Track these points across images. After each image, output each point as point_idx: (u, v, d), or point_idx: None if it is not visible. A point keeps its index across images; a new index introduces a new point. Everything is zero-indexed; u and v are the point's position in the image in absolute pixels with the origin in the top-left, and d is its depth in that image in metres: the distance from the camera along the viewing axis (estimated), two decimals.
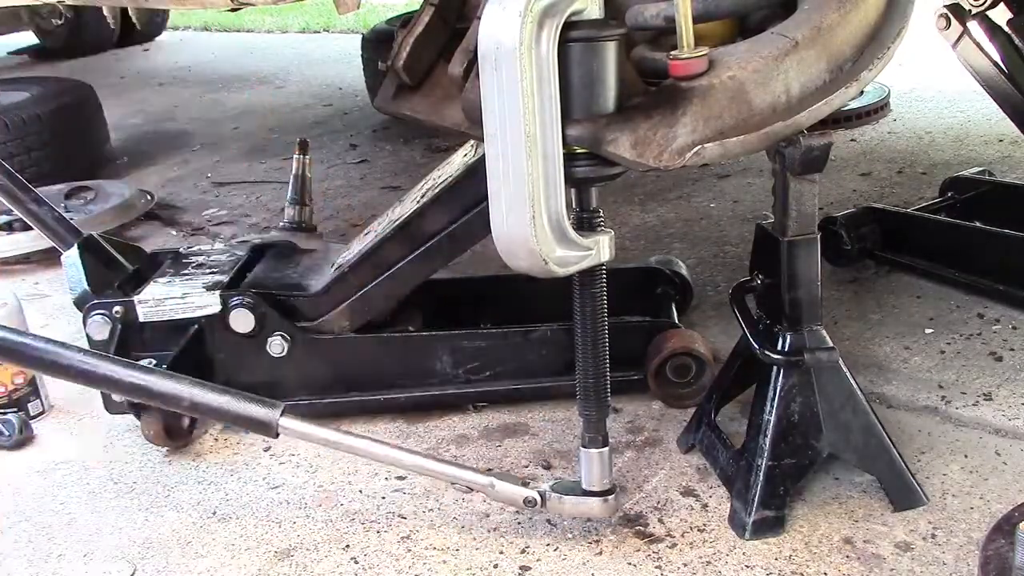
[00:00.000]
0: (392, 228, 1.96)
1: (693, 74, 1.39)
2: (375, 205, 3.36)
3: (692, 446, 1.81)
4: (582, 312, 1.52)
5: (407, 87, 1.70)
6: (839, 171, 3.19)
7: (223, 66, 6.48)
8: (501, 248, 1.34)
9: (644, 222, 2.97)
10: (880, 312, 2.29)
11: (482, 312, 2.22)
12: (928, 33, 2.40)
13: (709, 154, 1.39)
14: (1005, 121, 2.51)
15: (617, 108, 1.39)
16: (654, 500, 1.70)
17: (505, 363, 2.00)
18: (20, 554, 1.70)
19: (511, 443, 1.91)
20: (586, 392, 1.54)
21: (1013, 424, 1.82)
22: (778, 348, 1.59)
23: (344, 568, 1.59)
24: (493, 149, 1.30)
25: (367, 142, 4.27)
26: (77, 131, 3.93)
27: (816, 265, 1.56)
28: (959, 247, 2.37)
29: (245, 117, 4.97)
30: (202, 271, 2.10)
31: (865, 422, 1.60)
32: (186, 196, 3.76)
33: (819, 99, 1.44)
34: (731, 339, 1.85)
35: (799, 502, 1.64)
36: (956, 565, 1.48)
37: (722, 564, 1.53)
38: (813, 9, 1.47)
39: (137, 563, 1.65)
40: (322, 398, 2.01)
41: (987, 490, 1.64)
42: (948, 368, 2.03)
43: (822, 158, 1.48)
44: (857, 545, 1.54)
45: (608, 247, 1.42)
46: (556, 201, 1.32)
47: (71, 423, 2.13)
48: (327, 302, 1.99)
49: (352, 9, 2.47)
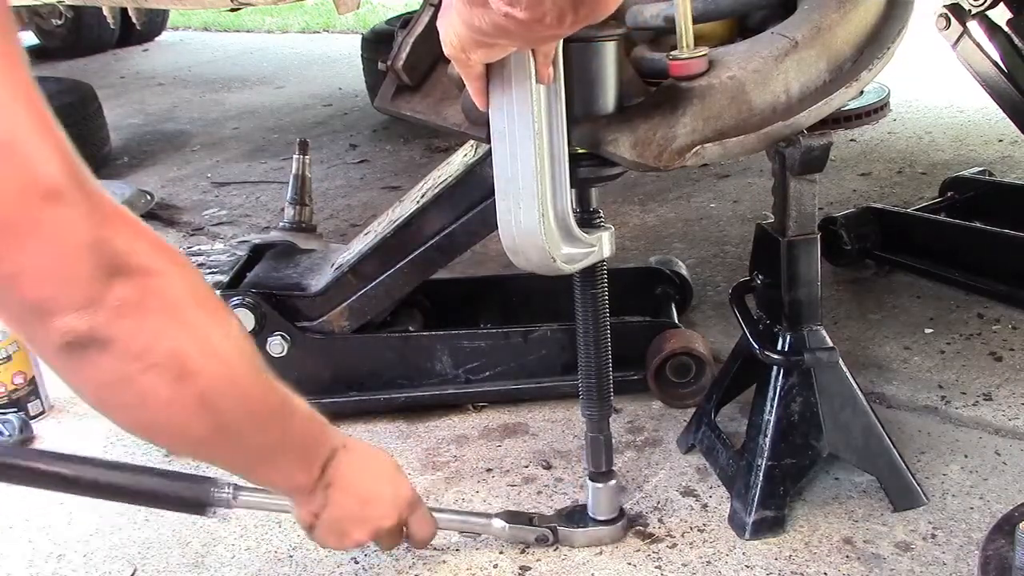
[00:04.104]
0: (392, 228, 1.96)
1: (693, 74, 1.39)
2: (375, 205, 3.36)
3: (692, 446, 1.81)
4: (583, 311, 1.52)
5: (407, 87, 1.70)
6: (839, 171, 3.19)
7: (223, 66, 6.48)
8: (508, 246, 1.34)
9: (644, 222, 2.97)
10: (880, 312, 2.29)
11: (482, 312, 2.22)
12: (928, 33, 2.40)
13: (709, 154, 1.40)
14: (1005, 121, 2.51)
15: (617, 108, 1.39)
16: (654, 500, 1.70)
17: (505, 363, 2.00)
18: (20, 554, 1.70)
19: (511, 443, 1.91)
20: (588, 391, 1.54)
21: (1013, 424, 1.82)
22: (778, 348, 1.59)
23: (344, 568, 1.59)
24: (501, 147, 1.30)
25: (367, 142, 4.27)
26: (77, 131, 3.88)
27: (816, 265, 1.56)
28: (959, 247, 2.37)
29: (245, 117, 4.97)
30: (202, 271, 2.10)
31: (865, 422, 1.60)
32: (186, 196, 3.76)
33: (819, 99, 1.44)
34: (731, 339, 1.85)
35: (799, 502, 1.64)
36: (956, 565, 1.48)
37: (722, 564, 1.53)
38: (813, 9, 1.48)
39: (137, 563, 1.65)
40: (322, 398, 2.00)
41: (987, 490, 1.64)
42: (948, 368, 2.03)
43: (822, 158, 1.48)
44: (857, 545, 1.54)
45: (609, 242, 1.42)
46: (562, 199, 1.33)
47: (71, 423, 2.12)
48: (327, 302, 1.99)
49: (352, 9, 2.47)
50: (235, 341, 1.09)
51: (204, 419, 1.06)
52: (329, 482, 1.31)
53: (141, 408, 1.03)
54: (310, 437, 1.30)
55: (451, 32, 1.13)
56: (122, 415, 1.06)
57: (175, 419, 1.05)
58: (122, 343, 0.96)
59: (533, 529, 1.58)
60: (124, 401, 1.02)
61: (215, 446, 1.14)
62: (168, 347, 1.00)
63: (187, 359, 1.02)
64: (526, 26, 0.98)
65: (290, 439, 1.25)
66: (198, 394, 1.04)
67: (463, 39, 1.12)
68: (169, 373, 1.00)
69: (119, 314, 0.95)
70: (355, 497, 1.35)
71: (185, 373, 1.02)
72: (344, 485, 1.33)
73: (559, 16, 0.96)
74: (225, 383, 1.07)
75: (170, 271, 1.02)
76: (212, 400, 1.06)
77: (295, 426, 1.25)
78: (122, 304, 0.96)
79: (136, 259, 0.97)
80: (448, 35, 1.14)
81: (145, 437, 1.18)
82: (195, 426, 1.07)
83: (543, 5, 0.95)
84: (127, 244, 0.97)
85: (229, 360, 1.08)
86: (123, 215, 0.99)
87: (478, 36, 1.09)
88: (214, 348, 1.05)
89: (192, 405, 1.04)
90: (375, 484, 1.40)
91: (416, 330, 2.07)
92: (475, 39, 1.10)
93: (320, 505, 1.33)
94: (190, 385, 1.03)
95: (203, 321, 1.04)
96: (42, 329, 0.94)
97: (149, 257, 0.99)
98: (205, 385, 1.04)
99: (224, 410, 1.08)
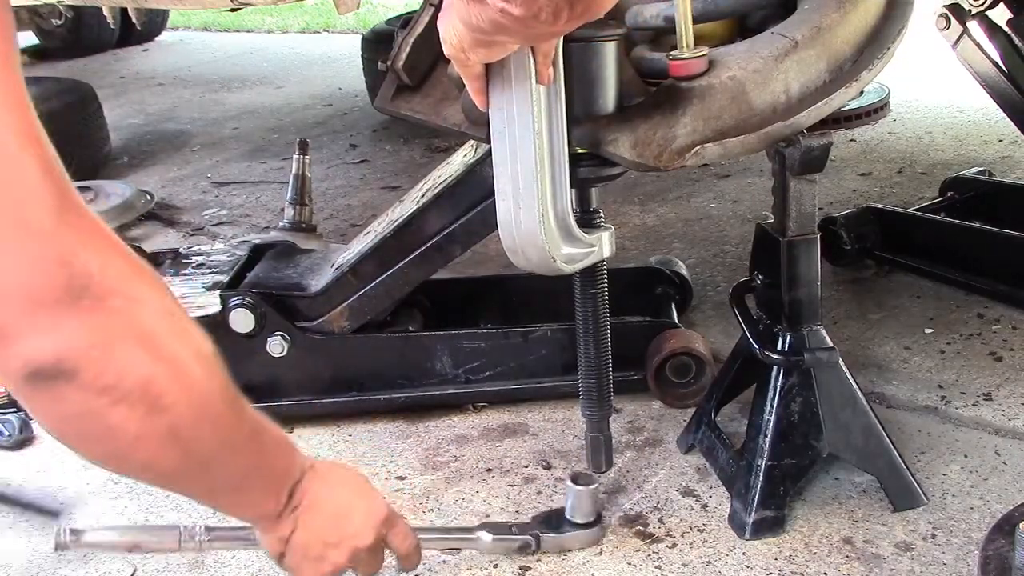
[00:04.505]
0: (392, 228, 1.96)
1: (693, 74, 1.39)
2: (375, 205, 3.36)
3: (692, 446, 1.81)
4: (583, 311, 1.52)
5: (407, 87, 1.70)
6: (839, 171, 3.19)
7: (223, 66, 6.47)
8: (508, 246, 1.34)
9: (644, 222, 2.97)
10: (880, 312, 2.29)
11: (482, 312, 2.22)
12: (928, 33, 2.40)
13: (709, 154, 1.40)
14: (1005, 121, 2.51)
15: (617, 108, 1.39)
16: (654, 500, 1.70)
17: (505, 363, 2.00)
18: (20, 554, 1.70)
19: (511, 443, 1.91)
20: (588, 391, 1.54)
21: (1013, 424, 1.82)
22: (778, 348, 1.59)
23: None
24: (501, 147, 1.30)
25: (367, 142, 4.27)
26: (77, 131, 3.92)
27: (816, 265, 1.56)
28: (959, 247, 2.37)
29: (245, 117, 4.97)
30: (202, 271, 2.11)
31: (865, 422, 1.60)
32: (186, 196, 3.76)
33: (819, 99, 1.44)
34: (731, 339, 1.85)
35: (799, 502, 1.64)
36: (956, 565, 1.48)
37: (722, 564, 1.53)
38: (813, 9, 1.48)
39: (137, 563, 1.65)
40: (322, 398, 2.01)
41: (987, 490, 1.64)
42: (948, 368, 2.03)
43: (822, 158, 1.48)
44: (857, 545, 1.54)
45: (609, 242, 1.42)
46: (562, 199, 1.33)
47: None
48: (327, 302, 1.99)
49: (352, 9, 2.47)
50: (207, 367, 1.02)
51: (174, 452, 1.00)
52: (297, 504, 1.24)
53: (107, 441, 0.96)
54: (280, 461, 1.23)
55: (451, 31, 1.13)
56: (86, 447, 0.98)
57: (143, 454, 0.98)
58: (90, 374, 0.89)
59: (516, 538, 1.56)
60: (89, 434, 0.95)
61: (182, 477, 1.08)
62: (139, 378, 0.93)
63: (159, 391, 0.95)
64: (522, 22, 0.98)
65: (260, 466, 1.18)
66: (169, 427, 0.97)
67: (463, 38, 1.12)
68: (141, 406, 0.93)
69: (87, 341, 0.88)
70: (326, 516, 1.27)
71: (157, 407, 0.95)
72: (314, 506, 1.25)
73: (555, 12, 0.96)
74: (197, 414, 1.00)
75: (143, 294, 0.94)
76: (183, 433, 0.99)
77: (265, 452, 1.19)
78: (91, 330, 0.88)
79: (107, 281, 0.90)
80: (448, 34, 1.14)
81: (108, 468, 1.11)
82: (164, 459, 1.00)
83: (538, 1, 0.95)
84: (98, 263, 0.89)
85: (202, 389, 1.01)
86: (96, 230, 0.91)
87: (477, 34, 1.09)
88: (187, 377, 0.98)
89: (163, 438, 0.97)
90: (346, 500, 1.31)
91: (416, 330, 2.07)
92: (474, 37, 1.11)
93: (288, 530, 1.24)
94: (162, 418, 0.96)
95: (176, 348, 0.97)
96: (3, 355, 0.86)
97: (121, 279, 0.92)
98: (177, 418, 0.97)
99: (195, 441, 1.02)
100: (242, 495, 1.19)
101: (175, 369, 0.97)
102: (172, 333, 0.97)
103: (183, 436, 1.00)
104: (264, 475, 1.20)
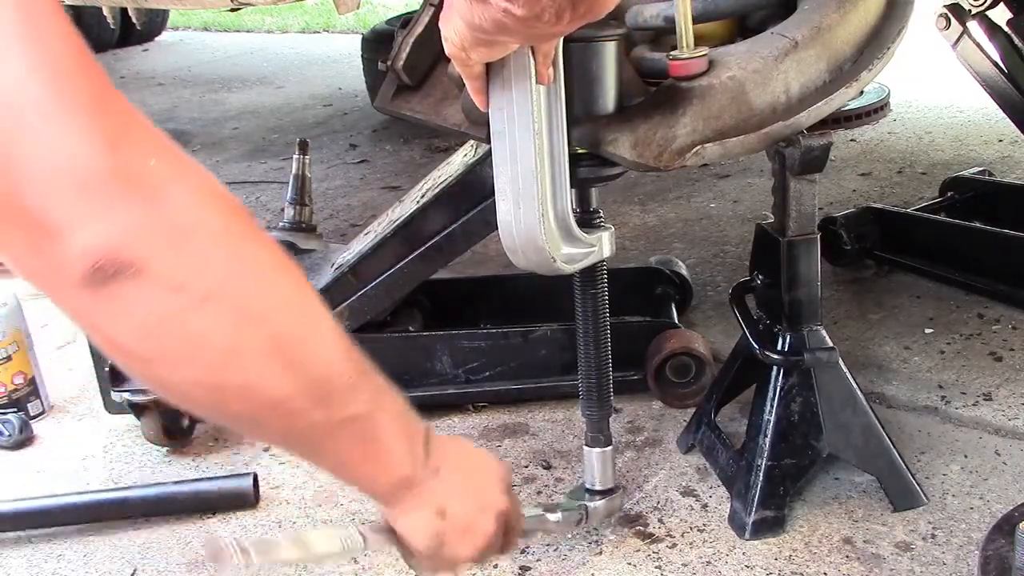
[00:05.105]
0: (392, 228, 1.96)
1: (693, 74, 1.39)
2: (375, 205, 3.36)
3: (692, 446, 1.81)
4: (583, 311, 1.52)
5: (407, 87, 1.70)
6: (839, 171, 3.19)
7: (223, 66, 6.47)
8: (508, 246, 1.34)
9: (644, 222, 2.97)
10: (880, 312, 2.29)
11: (482, 312, 2.22)
12: (928, 33, 2.40)
13: (709, 154, 1.39)
14: (1005, 121, 2.51)
15: (617, 108, 1.39)
16: (654, 500, 1.70)
17: (505, 363, 2.00)
18: (20, 554, 1.70)
19: (511, 443, 1.91)
20: (588, 391, 1.54)
21: (1013, 424, 1.82)
22: (778, 348, 1.59)
23: (344, 568, 1.59)
24: (500, 147, 1.30)
25: (367, 142, 4.27)
26: None
27: (816, 265, 1.56)
28: (959, 247, 2.37)
29: (245, 117, 4.97)
30: None
31: (865, 422, 1.60)
32: None
33: (819, 99, 1.44)
34: (731, 339, 1.85)
35: (799, 502, 1.64)
36: (956, 565, 1.48)
37: (722, 564, 1.53)
38: (813, 9, 1.48)
39: (137, 563, 1.65)
40: None
41: (987, 490, 1.64)
42: (948, 368, 2.03)
43: (822, 158, 1.48)
44: (857, 545, 1.54)
45: (609, 242, 1.42)
46: (562, 199, 1.33)
47: (71, 423, 2.12)
48: (327, 302, 1.98)
49: (352, 9, 2.47)
50: (296, 278, 0.84)
51: (281, 368, 0.80)
52: (437, 465, 1.00)
53: (196, 357, 0.76)
54: (402, 404, 0.99)
55: (452, 31, 1.13)
56: (176, 371, 0.77)
57: (242, 372, 0.78)
58: (160, 265, 0.72)
59: (573, 512, 1.50)
60: (175, 349, 0.76)
61: (300, 412, 0.84)
62: (219, 276, 0.76)
63: (248, 293, 0.77)
64: (524, 22, 0.98)
65: (384, 401, 0.95)
66: (272, 337, 0.79)
67: (464, 37, 1.12)
68: (227, 309, 0.76)
69: (150, 227, 0.72)
70: (466, 476, 1.03)
71: (249, 314, 0.77)
72: (454, 464, 1.01)
73: (557, 13, 0.96)
74: (302, 324, 0.83)
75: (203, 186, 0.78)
76: (290, 347, 0.81)
77: (386, 389, 0.96)
78: (153, 217, 0.72)
79: (162, 170, 0.74)
80: (449, 34, 1.14)
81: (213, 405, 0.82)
82: (271, 379, 0.80)
83: (541, 1, 0.95)
84: (151, 149, 0.75)
85: (297, 298, 0.83)
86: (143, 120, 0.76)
87: (478, 34, 1.09)
88: (277, 283, 0.81)
89: (266, 351, 0.79)
90: (474, 455, 1.09)
91: (416, 330, 2.07)
92: (475, 37, 1.10)
93: (438, 498, 0.99)
94: (260, 328, 0.78)
95: (254, 250, 0.80)
96: (56, 258, 0.71)
97: (177, 170, 0.76)
98: (279, 326, 0.80)
99: (309, 357, 0.83)
100: (379, 443, 0.95)
101: (259, 272, 0.80)
102: (245, 234, 0.79)
103: (290, 350, 0.81)
104: (392, 417, 0.97)
